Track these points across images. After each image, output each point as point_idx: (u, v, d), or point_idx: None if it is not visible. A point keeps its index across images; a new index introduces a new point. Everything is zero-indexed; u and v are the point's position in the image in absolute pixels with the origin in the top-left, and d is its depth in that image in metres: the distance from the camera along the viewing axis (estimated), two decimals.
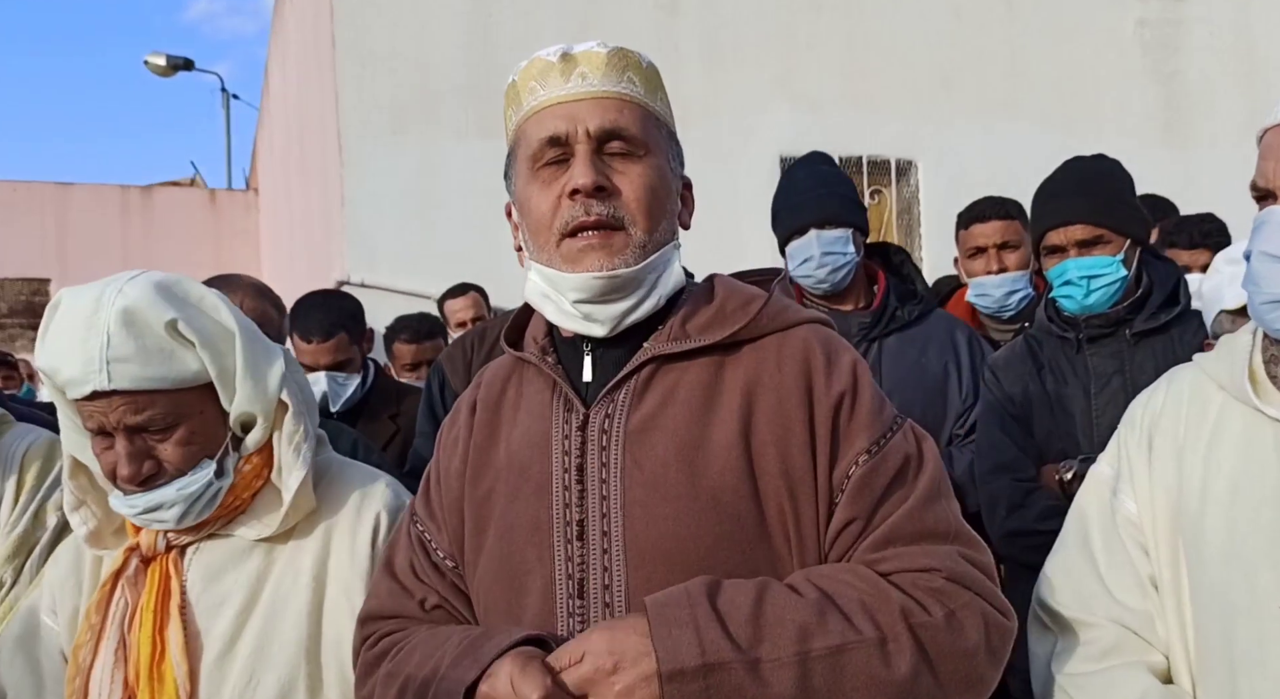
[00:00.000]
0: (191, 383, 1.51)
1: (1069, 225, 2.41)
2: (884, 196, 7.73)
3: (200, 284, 1.60)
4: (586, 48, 1.34)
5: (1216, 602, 1.35)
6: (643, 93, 1.34)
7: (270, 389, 1.56)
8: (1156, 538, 1.45)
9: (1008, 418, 2.47)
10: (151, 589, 1.56)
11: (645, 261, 1.31)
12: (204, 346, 1.50)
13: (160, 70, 15.13)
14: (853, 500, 1.26)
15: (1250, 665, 1.30)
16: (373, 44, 6.73)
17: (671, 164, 1.36)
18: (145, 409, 1.47)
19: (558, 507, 1.29)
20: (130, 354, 1.45)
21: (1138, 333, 2.41)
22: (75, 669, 1.57)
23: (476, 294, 4.92)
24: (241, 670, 1.52)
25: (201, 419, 1.53)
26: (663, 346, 1.32)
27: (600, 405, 1.32)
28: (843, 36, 7.47)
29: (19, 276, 13.03)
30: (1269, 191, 1.33)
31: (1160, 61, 7.98)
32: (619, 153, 1.31)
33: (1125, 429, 1.55)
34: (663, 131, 1.36)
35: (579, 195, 1.29)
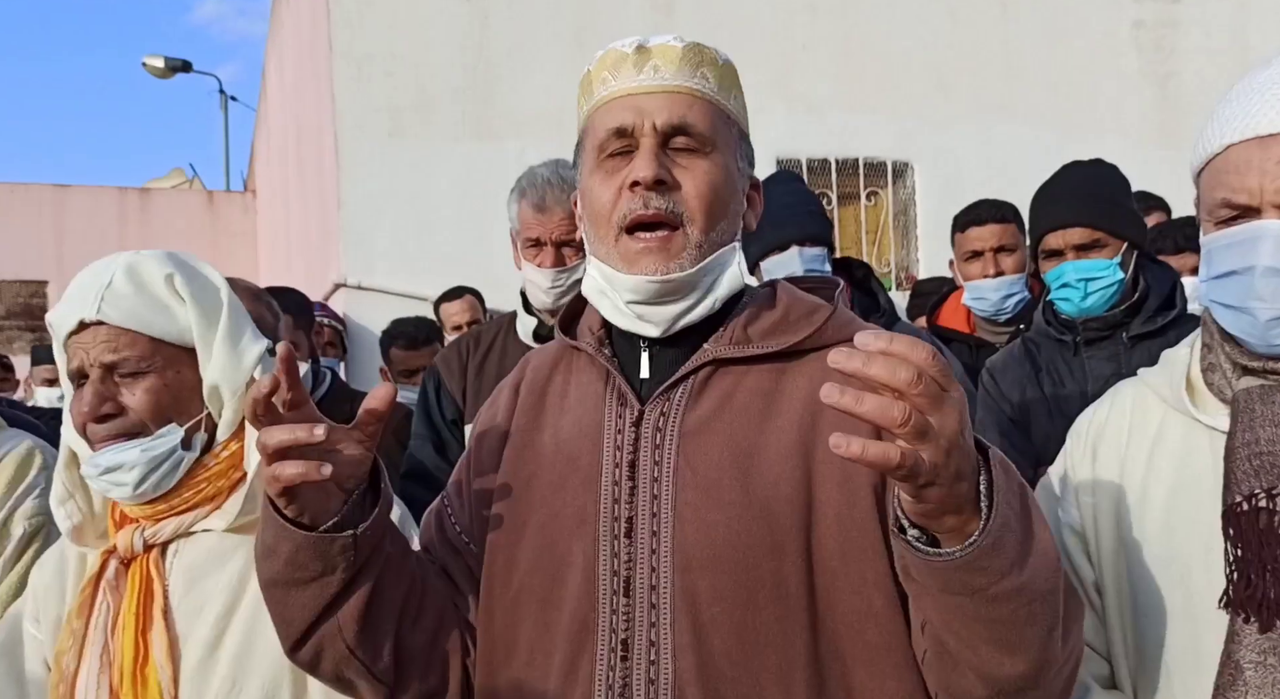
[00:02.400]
0: (175, 340, 1.56)
1: (1067, 228, 2.44)
2: (880, 198, 7.73)
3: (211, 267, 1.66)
4: (662, 40, 1.32)
5: (1154, 605, 1.39)
6: (715, 89, 1.32)
7: (245, 363, 1.57)
8: (1099, 546, 1.48)
9: (1005, 420, 2.50)
10: (133, 592, 1.55)
11: (701, 264, 1.29)
12: (194, 306, 1.56)
13: (158, 72, 15.14)
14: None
15: (1185, 667, 1.34)
16: (369, 47, 6.74)
17: (739, 164, 1.34)
18: (123, 349, 1.52)
19: (606, 501, 1.28)
20: (125, 294, 1.53)
21: (1134, 336, 2.44)
22: (59, 675, 1.57)
23: (472, 297, 4.91)
24: (225, 675, 1.51)
25: (176, 378, 1.55)
26: (723, 349, 1.30)
27: (656, 403, 1.31)
28: (839, 38, 7.47)
29: (16, 279, 13.02)
30: (1249, 208, 1.32)
31: (1156, 63, 7.99)
32: (684, 148, 1.29)
33: (1071, 441, 1.60)
34: (733, 130, 1.34)
35: (639, 188, 1.28)
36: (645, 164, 1.27)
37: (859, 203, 7.68)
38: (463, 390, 2.83)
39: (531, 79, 6.83)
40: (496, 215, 2.86)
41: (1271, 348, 1.34)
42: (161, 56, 15.01)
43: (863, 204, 7.68)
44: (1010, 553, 1.03)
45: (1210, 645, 1.32)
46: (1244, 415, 1.34)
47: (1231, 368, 1.39)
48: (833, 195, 7.46)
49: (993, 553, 1.02)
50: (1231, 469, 1.33)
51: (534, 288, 2.70)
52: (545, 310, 2.74)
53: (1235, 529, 1.31)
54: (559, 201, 2.61)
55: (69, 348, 1.55)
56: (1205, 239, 1.38)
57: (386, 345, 4.80)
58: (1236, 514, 1.31)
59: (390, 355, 4.75)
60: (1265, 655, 1.27)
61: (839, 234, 7.49)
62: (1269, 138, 1.29)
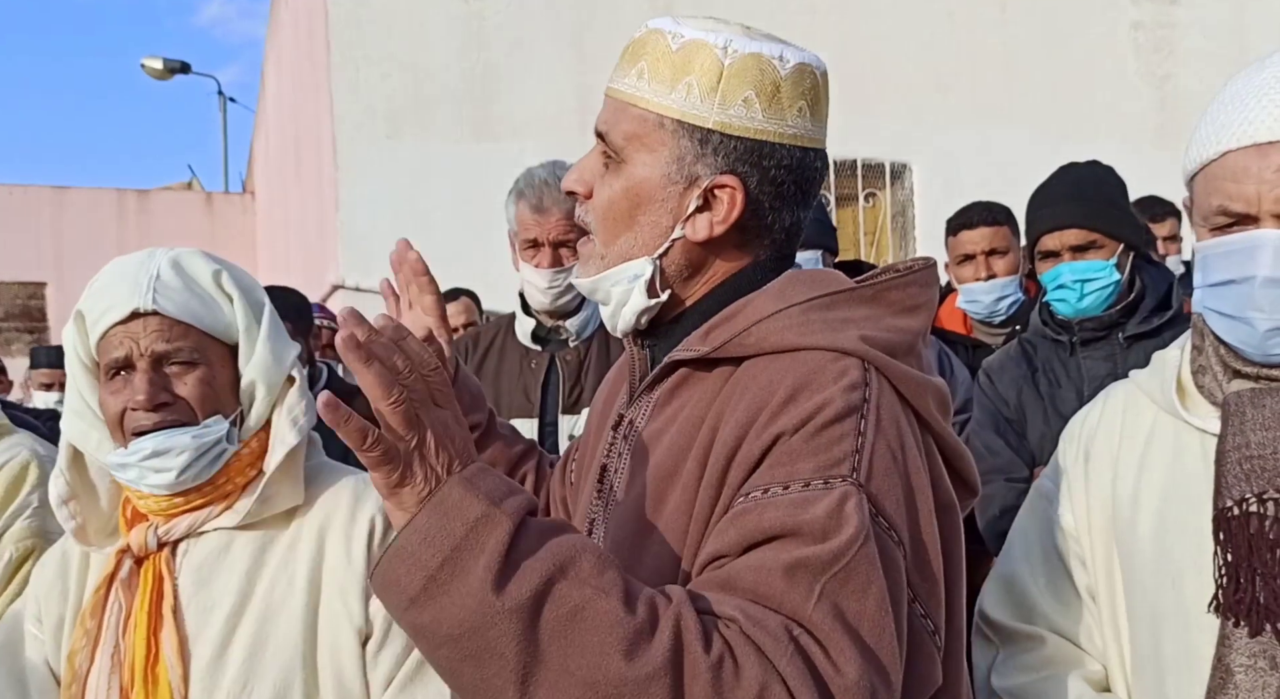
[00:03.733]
0: (221, 335, 1.59)
1: (1063, 230, 2.46)
2: (879, 199, 7.74)
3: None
4: (639, 33, 1.26)
5: (1147, 608, 1.40)
6: (648, 86, 1.20)
7: (285, 362, 1.62)
8: (1093, 549, 1.49)
9: (1002, 421, 2.51)
10: (145, 591, 1.56)
11: (601, 274, 1.25)
12: (241, 303, 1.60)
13: (157, 73, 15.16)
14: (717, 536, 1.06)
15: (1178, 669, 1.35)
16: (367, 48, 6.74)
17: (677, 169, 1.21)
18: (176, 339, 1.54)
19: (589, 501, 1.30)
20: (176, 287, 1.55)
21: (1130, 336, 2.46)
22: (71, 676, 1.57)
23: (468, 299, 4.92)
24: (236, 676, 1.51)
25: (222, 372, 1.59)
26: (679, 351, 1.22)
27: (637, 406, 1.27)
28: (837, 39, 7.48)
29: (15, 280, 13.02)
30: (1246, 216, 1.31)
31: (1154, 65, 8.00)
32: (606, 156, 1.25)
33: (1064, 444, 1.60)
34: (668, 131, 1.20)
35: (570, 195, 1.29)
36: (569, 173, 1.28)
37: (857, 204, 7.68)
38: None
39: (530, 81, 6.84)
40: (495, 217, 2.86)
41: (1269, 358, 1.33)
42: (160, 58, 15.03)
43: (861, 205, 7.69)
44: (407, 583, 0.94)
45: (1202, 648, 1.32)
46: (1235, 418, 1.34)
47: (1223, 370, 1.39)
48: (831, 196, 7.46)
49: (387, 571, 0.96)
50: (1222, 473, 1.33)
51: (532, 288, 2.71)
52: (543, 311, 2.74)
53: (1225, 533, 1.31)
54: (556, 202, 2.61)
55: (112, 337, 1.54)
56: (1199, 245, 1.38)
57: None
58: (1227, 519, 1.31)
59: None
60: (1255, 659, 1.27)
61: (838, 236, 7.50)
62: (1268, 145, 1.28)
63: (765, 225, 1.23)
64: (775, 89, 1.20)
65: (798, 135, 1.21)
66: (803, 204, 1.25)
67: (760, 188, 1.21)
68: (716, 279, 1.25)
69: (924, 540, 1.10)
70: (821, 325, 1.15)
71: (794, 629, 0.96)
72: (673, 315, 1.27)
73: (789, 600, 0.98)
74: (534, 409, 2.70)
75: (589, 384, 2.68)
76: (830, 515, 1.01)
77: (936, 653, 1.10)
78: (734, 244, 1.24)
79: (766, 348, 1.15)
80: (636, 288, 1.23)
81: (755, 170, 1.20)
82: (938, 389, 1.19)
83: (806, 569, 0.99)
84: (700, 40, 1.20)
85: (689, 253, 1.23)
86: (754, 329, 1.16)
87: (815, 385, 1.09)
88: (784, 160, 1.21)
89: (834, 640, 0.97)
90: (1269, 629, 1.27)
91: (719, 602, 0.99)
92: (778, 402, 1.08)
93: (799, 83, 1.21)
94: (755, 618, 0.96)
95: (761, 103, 1.19)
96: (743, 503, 1.06)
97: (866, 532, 1.01)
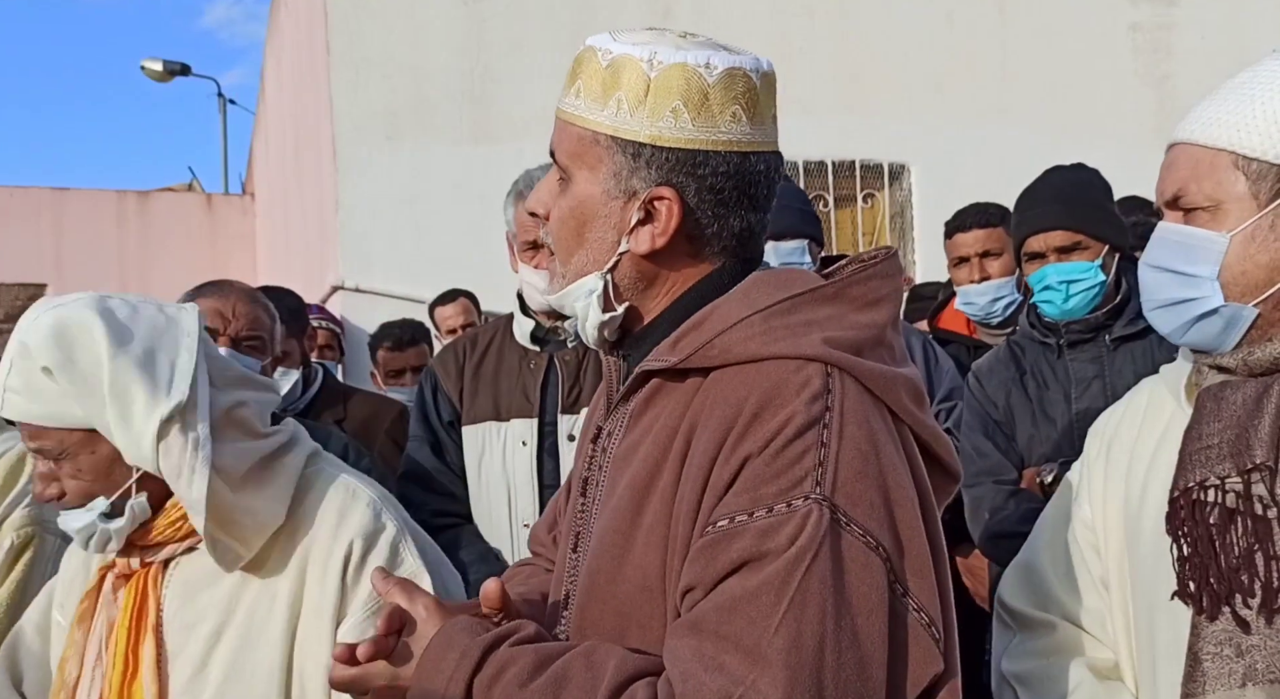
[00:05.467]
0: (78, 425, 1.51)
1: (1047, 232, 2.49)
2: (877, 200, 7.75)
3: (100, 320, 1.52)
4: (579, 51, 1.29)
5: (1147, 597, 1.44)
6: (584, 104, 1.23)
7: (144, 445, 1.49)
8: (1107, 540, 1.53)
9: (990, 423, 2.53)
10: (128, 606, 1.56)
11: (562, 291, 1.28)
12: (76, 396, 1.49)
13: (157, 75, 15.15)
14: (690, 565, 1.10)
15: (1168, 658, 1.39)
16: (366, 50, 6.75)
17: (615, 184, 1.22)
18: (36, 438, 1.52)
19: (574, 513, 1.31)
20: (19, 387, 1.50)
21: (1117, 338, 2.49)
22: (60, 683, 1.58)
23: (467, 300, 4.94)
24: (212, 695, 1.51)
25: (92, 458, 1.53)
26: (649, 361, 1.23)
27: (614, 418, 1.29)
28: (835, 41, 7.49)
29: (15, 282, 13.02)
30: (1165, 204, 1.44)
31: (1152, 65, 8.01)
32: (559, 178, 1.28)
33: (1090, 439, 1.64)
34: (603, 147, 1.22)
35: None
36: (531, 195, 1.32)
37: (855, 205, 7.69)
38: (459, 392, 2.85)
39: (529, 82, 6.84)
40: (494, 218, 2.87)
41: (1165, 335, 1.46)
42: (160, 60, 15.02)
43: (859, 206, 7.70)
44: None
45: (1187, 639, 1.35)
46: (1199, 411, 1.41)
47: (1208, 365, 1.45)
48: (829, 197, 7.47)
49: None
50: (1179, 463, 1.39)
51: (530, 289, 2.73)
52: (542, 312, 2.76)
53: (1176, 522, 1.37)
54: None
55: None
56: None
57: (374, 348, 4.86)
58: (1176, 507, 1.37)
59: (378, 358, 4.82)
60: (1221, 646, 1.31)
61: (836, 237, 7.51)
62: (1179, 144, 1.43)
63: (713, 232, 1.24)
64: (704, 97, 1.20)
65: (733, 141, 1.21)
66: (752, 208, 1.25)
67: (699, 196, 1.21)
68: (679, 288, 1.26)
69: (909, 536, 1.12)
70: (784, 331, 1.16)
71: (734, 693, 1.01)
72: (640, 327, 1.28)
73: (749, 636, 1.03)
74: (533, 409, 2.72)
75: (587, 384, 2.70)
76: (792, 540, 1.05)
77: (935, 644, 1.12)
78: (685, 253, 1.25)
79: (731, 359, 1.16)
80: (592, 303, 1.25)
81: (691, 179, 1.21)
82: (908, 380, 1.20)
83: (766, 599, 1.04)
84: (626, 55, 1.22)
85: (638, 265, 1.25)
86: (717, 340, 1.17)
87: (778, 401, 1.11)
88: (720, 167, 1.21)
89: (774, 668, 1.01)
90: (1229, 614, 1.30)
91: (676, 657, 1.06)
92: (743, 422, 1.11)
93: (730, 88, 1.22)
94: (693, 690, 1.03)
95: (690, 112, 1.20)
96: (712, 532, 1.09)
97: (816, 551, 1.05)
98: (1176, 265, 1.41)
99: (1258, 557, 1.30)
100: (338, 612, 1.53)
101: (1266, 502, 1.30)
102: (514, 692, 1.09)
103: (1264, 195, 1.36)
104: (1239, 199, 1.37)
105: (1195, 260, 1.40)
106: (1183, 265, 1.41)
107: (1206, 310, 1.40)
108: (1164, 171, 1.45)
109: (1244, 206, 1.37)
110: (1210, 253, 1.39)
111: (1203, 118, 1.41)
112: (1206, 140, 1.40)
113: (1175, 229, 1.43)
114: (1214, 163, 1.38)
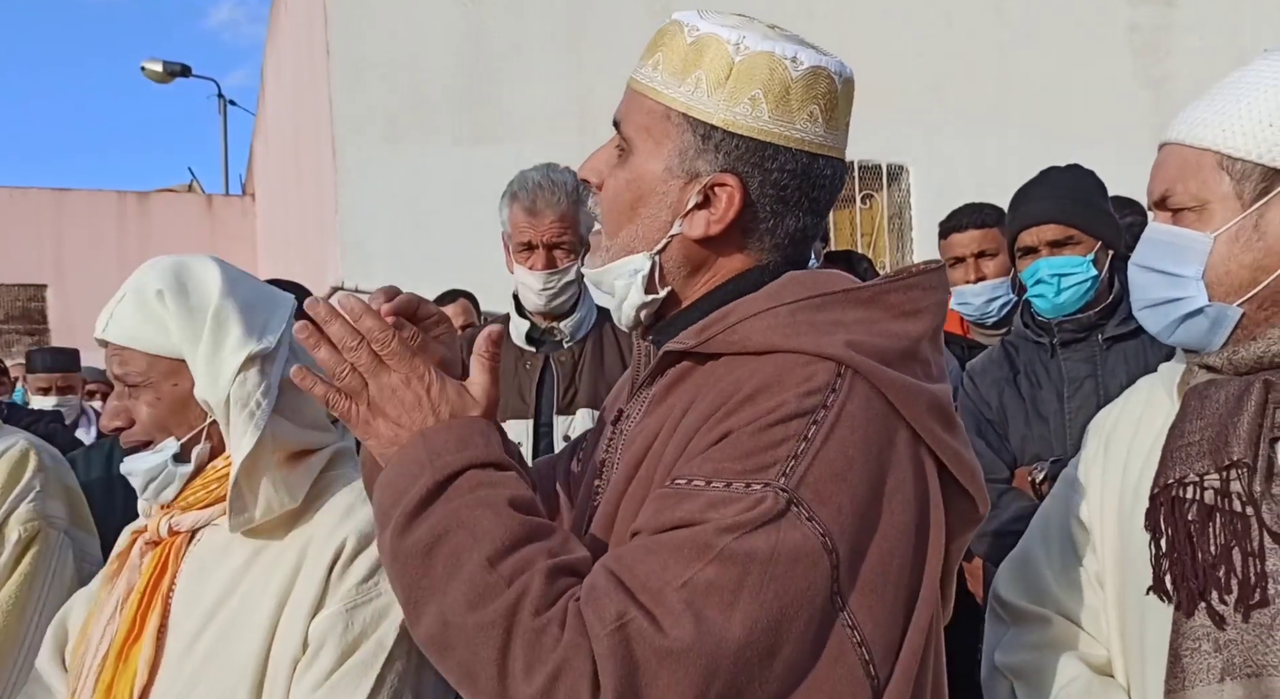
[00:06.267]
0: (169, 354, 1.59)
1: (1040, 225, 2.51)
2: (875, 201, 7.76)
3: (218, 266, 1.66)
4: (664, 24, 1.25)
5: (1137, 594, 1.43)
6: (661, 77, 1.20)
7: (222, 380, 1.57)
8: (1103, 538, 1.53)
9: (984, 422, 2.54)
10: (149, 573, 1.60)
11: (605, 266, 1.26)
12: (178, 323, 1.59)
13: (157, 76, 15.17)
14: (643, 511, 1.10)
15: (1156, 655, 1.38)
16: (366, 51, 6.77)
17: (679, 162, 1.20)
18: (125, 364, 1.60)
19: (587, 494, 1.31)
20: (127, 313, 1.59)
21: (1110, 337, 2.50)
22: (81, 637, 1.64)
23: (466, 301, 4.94)
24: (193, 672, 1.53)
25: (173, 390, 1.60)
26: (673, 342, 1.21)
27: (635, 401, 1.27)
28: (834, 42, 7.37)
29: (15, 282, 13.04)
30: (1154, 204, 1.46)
31: (1150, 66, 8.02)
32: (619, 148, 1.25)
33: (1088, 436, 1.65)
34: (674, 124, 1.20)
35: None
36: (586, 161, 1.29)
37: (854, 206, 7.71)
38: None
39: (528, 83, 6.86)
40: (493, 219, 2.88)
41: (1155, 334, 1.47)
42: (160, 61, 15.03)
43: (858, 207, 7.71)
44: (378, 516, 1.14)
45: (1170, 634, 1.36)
46: (1184, 409, 1.42)
47: (1197, 364, 1.46)
48: None
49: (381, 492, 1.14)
50: (1161, 461, 1.39)
51: (526, 290, 2.74)
52: (537, 312, 2.77)
53: (1155, 518, 1.37)
54: (550, 204, 2.64)
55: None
56: None
57: None
58: (1156, 504, 1.38)
59: None
60: (1199, 642, 1.31)
61: (834, 237, 7.52)
62: (1170, 144, 1.44)
63: (767, 228, 1.21)
64: (785, 90, 1.18)
65: (805, 140, 1.19)
66: (810, 211, 1.22)
67: (761, 189, 1.19)
68: (719, 279, 1.23)
69: (870, 550, 1.06)
70: (808, 327, 1.13)
71: (630, 611, 1.00)
72: (675, 312, 1.26)
73: (655, 579, 1.01)
74: (529, 410, 2.73)
75: (583, 385, 2.71)
76: (736, 517, 1.02)
77: (863, 665, 1.05)
78: (735, 245, 1.22)
79: (749, 346, 1.14)
80: (635, 283, 1.22)
81: (757, 171, 1.18)
82: (934, 397, 1.14)
83: (685, 555, 1.02)
84: (714, 35, 1.18)
85: (687, 250, 1.22)
86: (739, 326, 1.15)
87: (776, 387, 1.09)
88: (788, 164, 1.19)
89: (675, 614, 0.99)
90: (1205, 610, 1.31)
91: (592, 573, 1.06)
92: (738, 398, 1.09)
93: (812, 86, 1.19)
94: (596, 597, 1.02)
95: (769, 103, 1.17)
96: (668, 488, 1.08)
97: (752, 528, 1.02)
98: (1163, 265, 1.43)
99: (1235, 553, 1.30)
100: (316, 605, 1.53)
101: (1244, 499, 1.31)
102: (499, 501, 1.09)
103: (1248, 195, 1.37)
104: (1224, 199, 1.38)
105: (1181, 260, 1.41)
106: (1170, 265, 1.42)
107: (1191, 310, 1.41)
108: (1154, 172, 1.46)
109: (1228, 206, 1.38)
110: (1195, 253, 1.40)
111: (1190, 118, 1.42)
112: (1193, 140, 1.41)
113: (1163, 229, 1.44)
114: (1200, 163, 1.39)
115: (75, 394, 5.80)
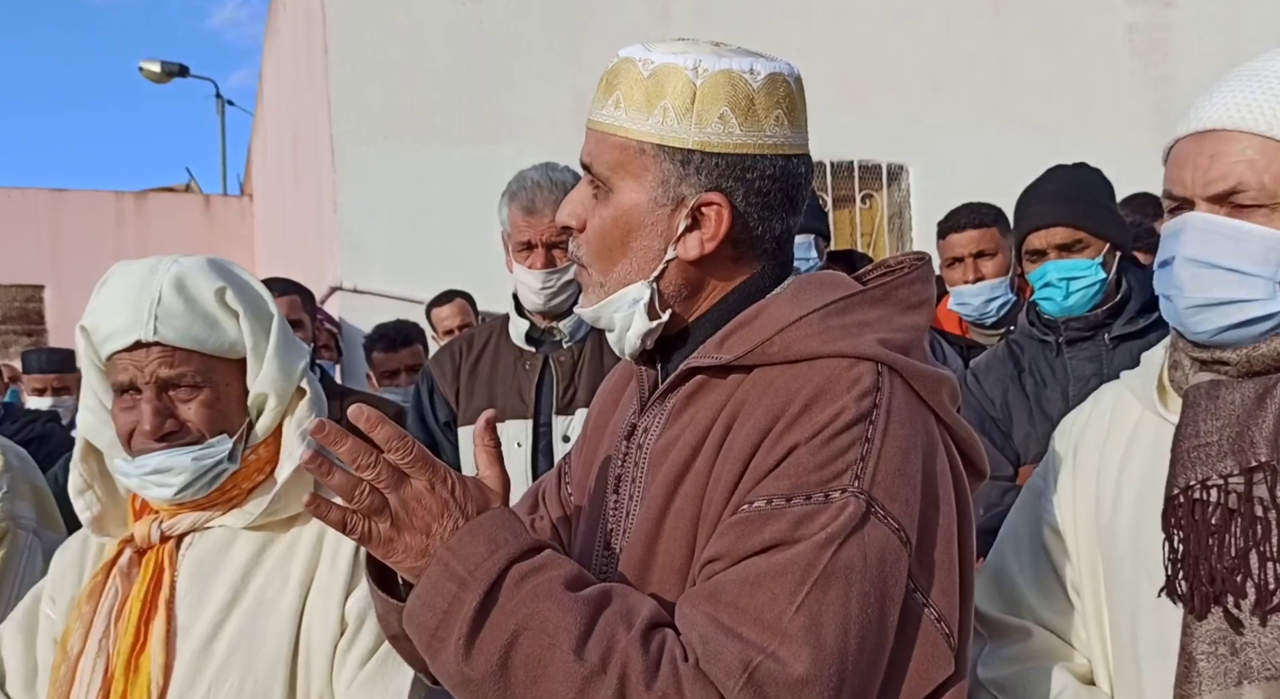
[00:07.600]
0: (226, 353, 1.58)
1: (1049, 228, 2.50)
2: (875, 201, 7.76)
3: (232, 263, 1.68)
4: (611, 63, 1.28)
5: (1126, 599, 1.43)
6: (625, 115, 1.22)
7: (294, 373, 1.61)
8: (1078, 545, 1.51)
9: (987, 420, 2.54)
10: (144, 581, 1.58)
11: (602, 302, 1.28)
12: (246, 318, 1.58)
13: (155, 77, 15.15)
14: (718, 538, 1.12)
15: (1153, 660, 1.37)
16: (364, 51, 6.75)
17: (661, 192, 1.23)
18: (179, 365, 1.54)
19: (604, 510, 1.31)
20: (178, 312, 1.54)
21: (1116, 337, 2.50)
22: (62, 656, 1.60)
23: (463, 301, 4.94)
24: (218, 670, 1.52)
25: (227, 391, 1.59)
26: (696, 358, 1.24)
27: (650, 415, 1.29)
28: (834, 42, 7.50)
29: (12, 283, 13.02)
30: (1185, 199, 1.37)
31: (1149, 66, 8.02)
32: (594, 188, 1.27)
33: (1055, 442, 1.63)
34: (649, 156, 1.22)
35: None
36: (561, 208, 1.31)
37: (854, 205, 7.70)
38: (455, 393, 2.85)
39: (527, 83, 6.85)
40: (492, 219, 2.88)
41: (1194, 335, 1.39)
42: (158, 61, 15.01)
43: (857, 207, 7.70)
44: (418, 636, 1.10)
45: (1176, 639, 1.34)
46: (1191, 409, 1.38)
47: (1190, 363, 1.43)
48: (828, 198, 7.48)
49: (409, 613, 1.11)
50: (1174, 461, 1.37)
51: (525, 290, 2.73)
52: (537, 312, 2.76)
53: (1173, 520, 1.35)
54: (549, 204, 2.63)
55: (118, 361, 1.55)
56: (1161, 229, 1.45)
57: (369, 350, 4.86)
58: (1174, 505, 1.35)
59: (372, 359, 4.83)
60: (1216, 645, 1.29)
61: (834, 237, 7.50)
62: (1205, 133, 1.34)
63: (756, 237, 1.25)
64: (750, 102, 1.21)
65: (778, 144, 1.23)
66: (791, 211, 1.27)
67: (746, 200, 1.23)
68: (719, 294, 1.27)
69: (932, 534, 1.14)
70: (840, 332, 1.17)
71: (753, 656, 1.03)
72: (678, 331, 1.29)
73: (769, 611, 1.05)
74: (528, 410, 2.72)
75: (583, 384, 2.70)
76: (824, 528, 1.07)
77: (945, 640, 1.14)
78: (729, 259, 1.26)
79: (790, 356, 1.17)
80: (637, 312, 1.25)
81: (740, 184, 1.22)
82: (949, 382, 1.23)
83: (790, 578, 1.06)
84: (670, 64, 1.22)
85: (684, 272, 1.25)
86: (777, 338, 1.18)
87: (830, 395, 1.13)
88: (767, 170, 1.23)
89: (796, 644, 1.03)
90: (1220, 613, 1.29)
91: (692, 622, 1.07)
92: (794, 411, 1.13)
93: (772, 92, 1.23)
94: (714, 651, 1.03)
95: (738, 117, 1.21)
96: (746, 511, 1.11)
97: (845, 538, 1.07)
98: (1238, 264, 1.32)
99: (1253, 557, 1.28)
100: (346, 588, 1.55)
101: (1267, 503, 1.28)
102: (555, 589, 1.08)
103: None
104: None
105: (1260, 259, 1.31)
106: (1246, 264, 1.31)
107: (1263, 314, 1.32)
108: (1204, 161, 1.33)
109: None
110: (1272, 252, 1.30)
111: (1254, 105, 1.30)
112: (1266, 130, 1.29)
113: (1226, 223, 1.33)
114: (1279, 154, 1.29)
115: (71, 395, 5.79)
